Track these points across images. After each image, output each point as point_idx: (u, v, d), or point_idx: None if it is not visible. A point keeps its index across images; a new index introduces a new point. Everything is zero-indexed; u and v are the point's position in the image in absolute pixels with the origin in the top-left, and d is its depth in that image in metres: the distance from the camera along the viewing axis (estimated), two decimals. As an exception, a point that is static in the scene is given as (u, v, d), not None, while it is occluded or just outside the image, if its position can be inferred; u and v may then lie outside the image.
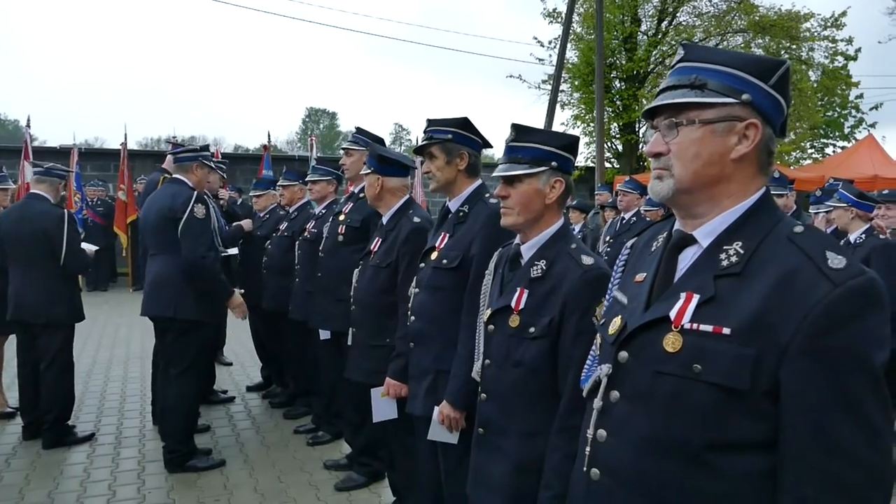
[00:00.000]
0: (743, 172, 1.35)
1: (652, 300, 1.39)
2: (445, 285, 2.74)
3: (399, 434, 3.33)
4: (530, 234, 2.13)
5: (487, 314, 2.15)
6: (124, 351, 7.87)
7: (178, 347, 4.37)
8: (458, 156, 2.81)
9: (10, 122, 49.40)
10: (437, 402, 2.72)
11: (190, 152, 4.57)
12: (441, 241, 2.79)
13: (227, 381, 6.62)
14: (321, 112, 64.81)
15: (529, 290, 2.04)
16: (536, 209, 2.10)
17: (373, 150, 3.52)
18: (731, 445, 1.23)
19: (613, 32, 18.08)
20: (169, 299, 4.29)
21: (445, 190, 2.87)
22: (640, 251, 1.57)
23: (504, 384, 2.05)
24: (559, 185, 2.11)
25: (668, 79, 1.42)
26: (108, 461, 4.54)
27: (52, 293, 4.80)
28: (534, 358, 1.99)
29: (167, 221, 4.29)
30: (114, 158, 14.14)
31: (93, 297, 11.49)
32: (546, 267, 2.05)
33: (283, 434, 5.14)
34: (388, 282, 3.30)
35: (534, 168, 2.08)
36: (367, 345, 3.41)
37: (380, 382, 3.15)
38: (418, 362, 2.86)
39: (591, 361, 1.56)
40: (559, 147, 2.11)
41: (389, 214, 3.45)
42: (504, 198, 2.12)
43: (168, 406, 4.41)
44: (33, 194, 4.98)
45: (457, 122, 2.82)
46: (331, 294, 4.22)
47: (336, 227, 4.30)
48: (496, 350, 2.09)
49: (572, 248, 2.07)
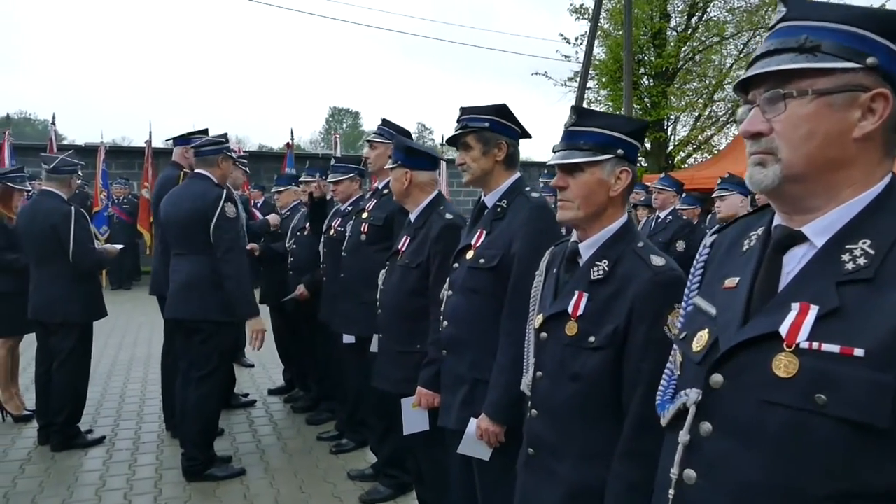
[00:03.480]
0: (867, 155, 1.10)
1: (751, 311, 1.13)
2: (482, 287, 2.50)
3: (429, 446, 3.10)
4: (590, 231, 1.87)
5: (539, 320, 1.90)
6: (146, 351, 7.73)
7: (203, 350, 4.17)
8: (495, 146, 2.56)
9: (39, 121, 50.01)
10: (473, 415, 2.49)
11: (213, 144, 4.33)
12: (477, 239, 2.55)
13: (249, 384, 6.44)
14: (344, 111, 64.82)
15: (589, 294, 1.79)
16: (599, 202, 1.85)
17: (400, 142, 3.30)
18: (862, 496, 0.98)
19: (642, 28, 17.70)
20: (199, 302, 4.09)
21: (481, 183, 2.62)
22: (725, 251, 1.31)
23: (559, 400, 1.81)
24: (625, 175, 1.85)
25: (767, 42, 1.17)
26: (125, 468, 4.37)
27: (66, 291, 4.64)
28: (594, 371, 1.74)
29: (196, 221, 4.07)
30: (138, 156, 14.09)
31: (116, 296, 11.43)
32: (609, 268, 1.79)
33: (305, 441, 4.94)
34: (419, 283, 3.06)
35: (597, 155, 1.82)
36: (395, 351, 3.17)
37: (410, 392, 2.92)
38: (452, 371, 2.63)
39: (668, 380, 1.31)
40: (627, 132, 1.85)
41: (418, 211, 3.22)
42: (562, 189, 1.86)
43: (188, 411, 4.21)
44: (44, 191, 4.82)
45: (494, 108, 2.57)
46: (354, 296, 4.00)
47: (359, 226, 4.07)
48: (550, 361, 1.84)
49: (639, 246, 1.81)
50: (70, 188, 4.87)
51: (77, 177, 4.93)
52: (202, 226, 4.07)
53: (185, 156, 4.95)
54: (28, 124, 49.97)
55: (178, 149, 5.09)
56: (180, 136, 5.14)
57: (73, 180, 4.88)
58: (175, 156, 5.11)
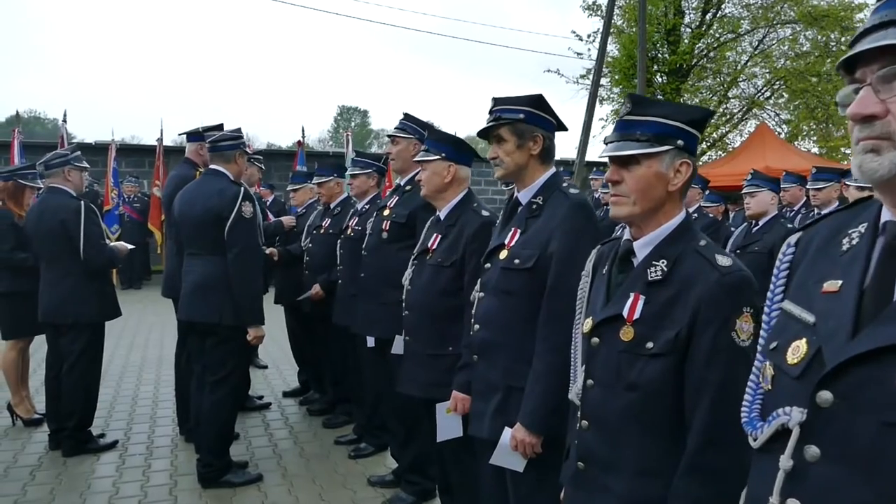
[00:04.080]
0: None
1: (862, 319, 0.99)
2: (517, 289, 2.36)
3: (458, 454, 2.96)
4: (646, 228, 1.72)
5: (589, 324, 1.76)
6: (157, 352, 7.62)
7: (218, 354, 4.04)
8: (530, 139, 2.41)
9: (49, 120, 50.16)
10: (507, 424, 2.36)
11: (230, 139, 4.18)
12: (511, 238, 2.41)
13: (263, 386, 6.32)
14: (353, 110, 64.79)
15: (647, 297, 1.64)
16: (657, 197, 1.70)
17: (444, 135, 3.14)
18: None
19: (656, 25, 17.49)
20: (215, 304, 3.95)
21: (514, 178, 2.48)
22: (817, 250, 1.16)
23: (613, 410, 1.67)
24: (685, 168, 1.71)
25: (875, 15, 1.02)
26: (139, 474, 4.25)
27: (77, 290, 4.51)
28: (653, 379, 1.60)
29: (212, 220, 3.93)
30: (149, 155, 14.00)
31: (127, 295, 11.34)
32: (668, 268, 1.65)
33: (322, 445, 4.81)
34: (452, 283, 2.92)
35: (656, 146, 1.68)
36: (425, 354, 3.02)
37: (440, 396, 2.78)
38: (484, 377, 2.49)
39: (753, 395, 1.17)
40: (687, 121, 1.71)
41: (449, 208, 3.07)
42: (615, 183, 1.72)
43: (203, 416, 4.09)
44: (52, 188, 4.68)
45: (530, 100, 2.42)
46: (375, 297, 3.86)
47: (380, 224, 3.92)
48: (603, 369, 1.70)
49: (701, 245, 1.67)
50: (75, 183, 4.71)
51: (74, 168, 4.69)
52: (217, 225, 3.94)
53: (200, 153, 4.80)
54: (38, 123, 50.16)
55: (192, 145, 4.91)
56: (193, 132, 4.97)
57: (71, 173, 4.67)
58: (188, 153, 4.93)
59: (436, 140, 3.11)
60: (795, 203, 6.18)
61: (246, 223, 3.97)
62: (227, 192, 3.99)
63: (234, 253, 3.93)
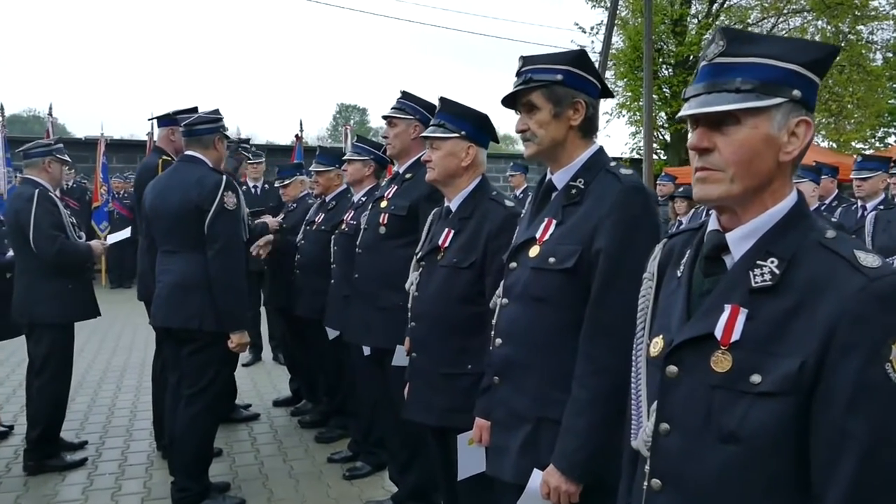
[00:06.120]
0: None
1: None
2: (551, 294, 1.87)
3: (475, 490, 2.47)
4: (746, 215, 1.23)
5: (660, 347, 1.28)
6: (141, 356, 7.11)
7: (196, 363, 3.56)
8: (570, 106, 1.90)
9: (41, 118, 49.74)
10: (537, 465, 1.88)
11: (208, 122, 3.69)
12: (544, 231, 1.91)
13: (252, 394, 5.83)
14: (352, 108, 64.19)
15: (750, 310, 1.16)
16: (764, 171, 1.19)
17: (462, 108, 2.60)
18: None
19: (662, 16, 17.03)
20: (195, 307, 3.47)
21: (548, 156, 1.96)
22: None
23: (704, 470, 1.18)
24: (805, 128, 1.20)
25: None
26: (107, 498, 3.77)
27: (33, 288, 4.06)
28: (761, 428, 1.12)
29: (190, 212, 3.47)
30: (140, 150, 13.52)
31: (115, 295, 10.88)
32: (781, 270, 1.16)
33: (314, 462, 4.33)
34: (471, 288, 2.42)
35: (762, 99, 1.18)
36: (438, 374, 2.52)
37: (458, 425, 2.30)
38: (507, 404, 2.00)
39: None
40: (808, 63, 1.20)
41: (462, 197, 2.57)
42: (704, 151, 1.22)
43: (178, 434, 3.60)
44: (25, 179, 4.26)
45: (570, 56, 1.91)
46: (370, 301, 3.37)
47: (377, 217, 3.42)
48: (685, 410, 1.21)
49: (828, 237, 1.17)
50: (53, 176, 4.25)
51: (55, 160, 4.25)
52: (197, 218, 3.46)
53: (172, 139, 4.31)
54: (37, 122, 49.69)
55: (163, 130, 4.41)
56: (165, 116, 4.43)
57: (52, 164, 4.23)
58: (159, 139, 4.45)
59: (452, 114, 2.57)
60: (827, 196, 5.72)
61: (228, 215, 3.51)
62: (206, 180, 3.51)
63: (215, 249, 3.46)
